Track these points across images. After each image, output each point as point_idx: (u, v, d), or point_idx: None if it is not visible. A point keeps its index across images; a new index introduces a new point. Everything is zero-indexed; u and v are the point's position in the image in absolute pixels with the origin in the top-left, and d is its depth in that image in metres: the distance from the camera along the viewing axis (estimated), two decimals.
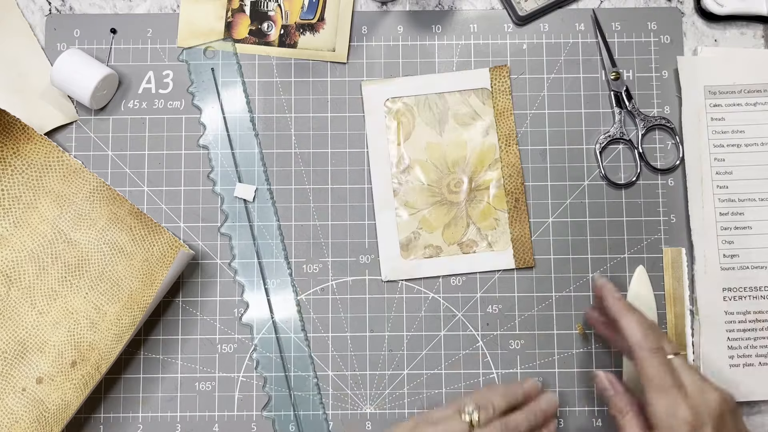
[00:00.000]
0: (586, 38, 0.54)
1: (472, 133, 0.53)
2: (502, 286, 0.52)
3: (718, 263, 0.51)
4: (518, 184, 0.52)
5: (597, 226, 0.52)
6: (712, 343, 0.51)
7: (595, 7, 0.55)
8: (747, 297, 0.51)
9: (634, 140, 0.53)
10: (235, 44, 0.54)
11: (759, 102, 0.53)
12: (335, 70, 0.54)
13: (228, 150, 0.53)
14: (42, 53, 0.54)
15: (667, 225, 0.52)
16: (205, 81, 0.53)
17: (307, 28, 0.54)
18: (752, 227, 0.52)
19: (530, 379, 0.48)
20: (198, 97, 0.53)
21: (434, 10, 0.55)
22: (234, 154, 0.53)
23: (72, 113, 0.53)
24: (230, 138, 0.53)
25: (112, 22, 0.54)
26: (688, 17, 0.55)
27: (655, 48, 0.54)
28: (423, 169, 0.53)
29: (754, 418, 0.51)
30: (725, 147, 0.52)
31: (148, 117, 0.54)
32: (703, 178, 0.52)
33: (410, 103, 0.53)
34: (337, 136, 0.53)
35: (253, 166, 0.53)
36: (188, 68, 0.54)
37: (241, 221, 0.52)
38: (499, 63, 0.54)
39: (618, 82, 0.53)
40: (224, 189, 0.53)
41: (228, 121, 0.53)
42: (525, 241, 0.52)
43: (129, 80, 0.54)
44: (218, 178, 0.53)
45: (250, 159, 0.53)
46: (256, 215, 0.52)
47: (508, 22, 0.55)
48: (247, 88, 0.54)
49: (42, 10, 0.55)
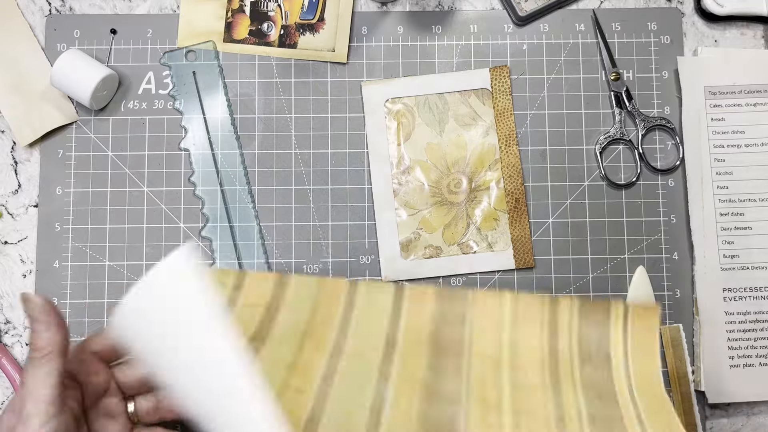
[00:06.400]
0: (586, 39, 0.54)
1: (472, 134, 0.53)
2: (503, 286, 0.52)
3: (718, 264, 0.51)
4: (518, 185, 0.52)
5: (597, 226, 0.52)
6: (712, 344, 0.51)
7: (595, 7, 0.55)
8: (747, 297, 0.51)
9: (634, 141, 0.53)
10: (216, 46, 0.54)
11: (759, 102, 0.53)
12: (335, 71, 0.54)
13: (209, 151, 0.53)
14: (42, 53, 0.54)
15: (668, 225, 0.52)
16: (186, 84, 0.53)
17: (307, 28, 0.54)
18: (752, 228, 0.52)
19: None
20: (179, 101, 0.53)
21: (434, 11, 0.55)
22: (214, 156, 0.53)
23: (72, 113, 0.53)
24: (211, 140, 0.53)
25: (112, 22, 0.54)
26: (688, 17, 0.55)
27: (655, 48, 0.54)
28: (423, 170, 0.53)
29: (755, 418, 0.51)
30: (725, 147, 0.52)
31: (148, 117, 0.53)
32: (703, 179, 0.52)
33: (410, 103, 0.53)
34: (337, 136, 0.53)
35: (235, 167, 0.53)
36: (170, 71, 0.54)
37: (222, 222, 0.52)
38: (499, 63, 0.54)
39: (618, 82, 0.53)
40: (204, 191, 0.52)
41: (209, 123, 0.53)
42: (525, 242, 0.52)
43: (129, 81, 0.54)
44: (199, 181, 0.53)
45: (232, 160, 0.53)
46: (237, 217, 0.52)
47: (508, 22, 0.55)
48: (228, 91, 0.54)
49: (42, 10, 0.55)
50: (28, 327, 0.51)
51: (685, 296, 0.52)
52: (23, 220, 0.53)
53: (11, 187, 0.53)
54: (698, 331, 0.51)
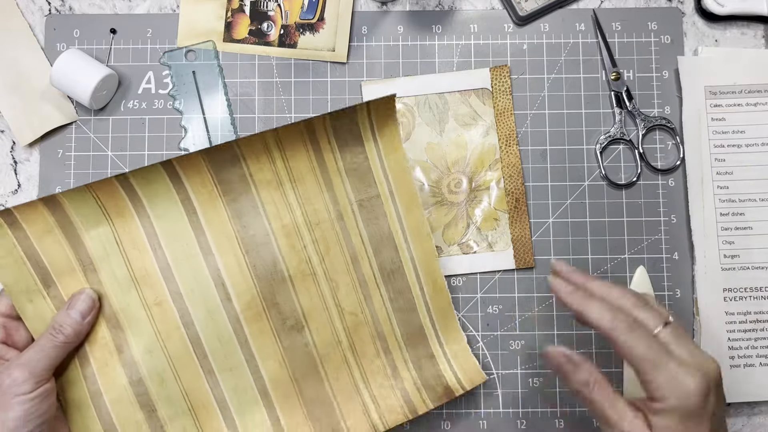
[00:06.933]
0: (587, 38, 0.54)
1: (472, 134, 0.53)
2: (503, 286, 0.52)
3: (718, 264, 0.51)
4: (518, 185, 0.52)
5: (597, 226, 0.52)
6: (712, 344, 0.51)
7: (596, 7, 0.55)
8: (747, 297, 0.51)
9: (634, 140, 0.53)
10: (216, 45, 0.54)
11: (759, 102, 0.53)
12: (335, 70, 0.54)
13: None
14: (42, 53, 0.54)
15: (668, 225, 0.52)
16: (186, 84, 0.53)
17: (307, 28, 0.54)
18: (753, 227, 0.52)
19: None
20: (179, 100, 0.53)
21: (434, 10, 0.55)
22: None
23: (72, 113, 0.53)
24: (210, 140, 0.53)
25: (111, 22, 0.54)
26: (689, 17, 0.55)
27: (656, 48, 0.54)
28: (423, 170, 0.53)
29: (755, 418, 0.51)
30: (726, 147, 0.52)
31: (148, 117, 0.53)
32: (703, 179, 0.52)
33: (410, 103, 0.53)
34: None
35: None
36: (169, 71, 0.54)
37: None
38: (500, 63, 0.54)
39: (618, 82, 0.53)
40: None
41: (209, 123, 0.53)
42: (525, 242, 0.52)
43: (129, 80, 0.54)
44: None
45: None
46: None
47: (509, 22, 0.54)
48: (228, 91, 0.54)
49: (42, 10, 0.55)
50: None
51: (686, 296, 0.52)
52: None
53: (11, 187, 0.53)
54: (698, 331, 0.51)
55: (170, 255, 0.44)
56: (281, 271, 0.46)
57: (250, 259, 0.45)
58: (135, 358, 0.44)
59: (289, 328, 0.46)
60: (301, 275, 0.46)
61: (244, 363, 0.46)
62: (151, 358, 0.44)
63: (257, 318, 0.45)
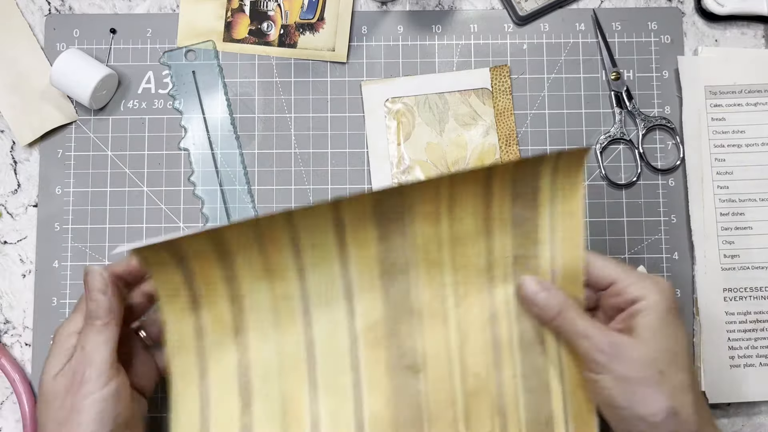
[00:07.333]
0: (587, 38, 0.54)
1: (472, 133, 0.53)
2: None
3: (718, 264, 0.51)
4: None
5: (597, 226, 0.52)
6: (712, 344, 0.50)
7: (596, 7, 0.55)
8: (748, 297, 0.51)
9: (634, 140, 0.53)
10: (216, 45, 0.54)
11: (760, 102, 0.53)
12: (335, 70, 0.54)
13: (208, 151, 0.53)
14: (41, 53, 0.54)
15: (668, 225, 0.52)
16: (186, 84, 0.53)
17: (307, 27, 0.54)
18: (753, 227, 0.52)
19: None
20: (179, 100, 0.53)
21: (434, 10, 0.55)
22: (214, 155, 0.53)
23: (71, 113, 0.53)
24: (210, 140, 0.53)
25: (111, 22, 0.54)
26: (689, 17, 0.55)
27: (656, 48, 0.54)
28: (423, 169, 0.53)
29: (755, 418, 0.51)
30: (726, 147, 0.52)
31: (148, 117, 0.53)
32: (703, 179, 0.52)
33: (410, 103, 0.53)
34: (337, 136, 0.53)
35: (235, 167, 0.53)
36: (169, 71, 0.54)
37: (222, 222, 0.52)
38: (500, 63, 0.54)
39: (618, 82, 0.53)
40: (204, 191, 0.52)
41: (209, 123, 0.53)
42: None
43: (129, 80, 0.54)
44: (198, 181, 0.53)
45: (232, 160, 0.53)
46: (237, 217, 0.52)
47: (508, 22, 0.54)
48: (228, 91, 0.53)
49: (41, 10, 0.55)
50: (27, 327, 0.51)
51: (686, 296, 0.52)
52: (23, 219, 0.53)
53: (11, 187, 0.53)
54: (698, 331, 0.51)
55: (308, 259, 0.40)
56: (412, 301, 0.41)
57: (385, 283, 0.41)
58: (249, 344, 0.40)
59: (404, 366, 0.41)
60: (431, 313, 0.41)
61: (350, 388, 0.40)
62: (265, 346, 0.40)
63: (374, 344, 0.40)
